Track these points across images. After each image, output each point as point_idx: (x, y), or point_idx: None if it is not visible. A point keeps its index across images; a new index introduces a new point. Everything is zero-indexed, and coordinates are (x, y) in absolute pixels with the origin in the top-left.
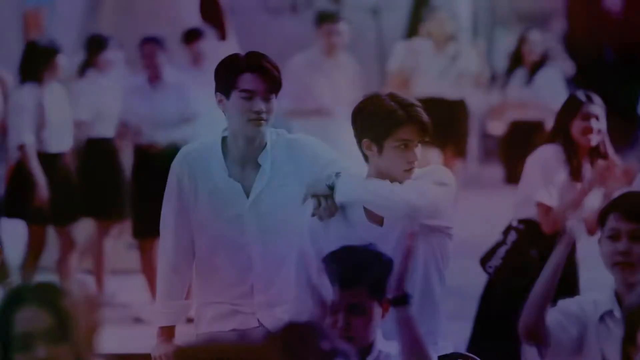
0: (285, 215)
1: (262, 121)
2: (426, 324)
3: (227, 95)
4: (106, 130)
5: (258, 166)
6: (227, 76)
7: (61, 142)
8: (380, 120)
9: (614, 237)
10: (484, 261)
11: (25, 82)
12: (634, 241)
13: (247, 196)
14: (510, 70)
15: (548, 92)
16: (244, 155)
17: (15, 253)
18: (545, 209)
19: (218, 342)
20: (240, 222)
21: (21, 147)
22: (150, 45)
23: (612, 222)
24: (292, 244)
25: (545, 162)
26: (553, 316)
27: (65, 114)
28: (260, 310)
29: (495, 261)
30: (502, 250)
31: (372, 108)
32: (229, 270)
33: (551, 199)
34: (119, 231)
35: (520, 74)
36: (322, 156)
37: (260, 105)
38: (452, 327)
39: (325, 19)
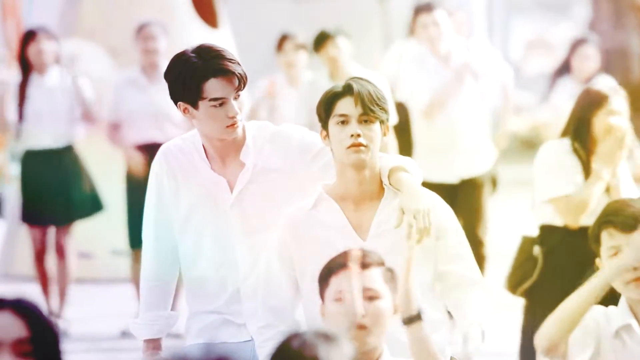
0: (273, 212)
1: (239, 123)
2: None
3: (193, 105)
4: None
5: (239, 162)
6: (188, 86)
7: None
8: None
9: (616, 254)
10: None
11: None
12: None
13: (231, 192)
14: (554, 78)
15: None
16: (223, 152)
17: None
18: (564, 200)
19: None
20: (224, 220)
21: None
22: (152, 27)
23: (608, 239)
24: None
25: (553, 155)
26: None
27: (57, 105)
28: (250, 319)
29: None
30: None
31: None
32: (215, 273)
33: (566, 187)
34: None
35: (567, 83)
36: (313, 144)
37: (233, 109)
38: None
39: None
